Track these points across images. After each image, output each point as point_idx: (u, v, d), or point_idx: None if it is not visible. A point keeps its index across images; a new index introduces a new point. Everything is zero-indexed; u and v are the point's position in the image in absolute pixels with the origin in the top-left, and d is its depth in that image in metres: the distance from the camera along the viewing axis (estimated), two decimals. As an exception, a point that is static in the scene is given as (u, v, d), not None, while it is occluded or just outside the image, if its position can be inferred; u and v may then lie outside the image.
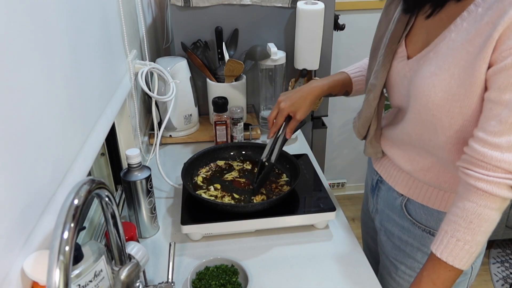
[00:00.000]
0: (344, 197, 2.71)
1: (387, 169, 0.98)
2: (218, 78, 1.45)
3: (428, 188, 0.88)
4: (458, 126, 0.75)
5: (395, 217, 0.96)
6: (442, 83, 0.73)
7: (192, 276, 0.87)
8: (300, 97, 1.03)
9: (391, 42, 0.85)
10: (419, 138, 0.85)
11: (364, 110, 0.95)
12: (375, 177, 1.03)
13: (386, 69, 0.87)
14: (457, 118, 0.74)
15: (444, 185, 0.86)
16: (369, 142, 0.98)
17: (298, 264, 0.94)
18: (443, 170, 0.85)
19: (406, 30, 0.84)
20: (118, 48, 1.05)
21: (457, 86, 0.71)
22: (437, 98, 0.74)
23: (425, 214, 0.90)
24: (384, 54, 0.86)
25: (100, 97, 0.89)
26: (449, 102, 0.73)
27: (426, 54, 0.78)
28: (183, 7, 1.39)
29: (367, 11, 2.19)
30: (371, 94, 0.91)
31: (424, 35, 0.80)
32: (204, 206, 1.01)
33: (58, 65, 0.67)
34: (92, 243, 0.70)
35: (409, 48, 0.84)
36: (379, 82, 0.89)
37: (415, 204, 0.91)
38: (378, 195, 1.02)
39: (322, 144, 1.77)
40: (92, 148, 0.80)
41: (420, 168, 0.88)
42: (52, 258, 0.45)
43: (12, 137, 0.53)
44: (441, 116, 0.75)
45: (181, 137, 1.45)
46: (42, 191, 0.61)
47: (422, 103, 0.77)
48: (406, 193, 0.92)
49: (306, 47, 1.42)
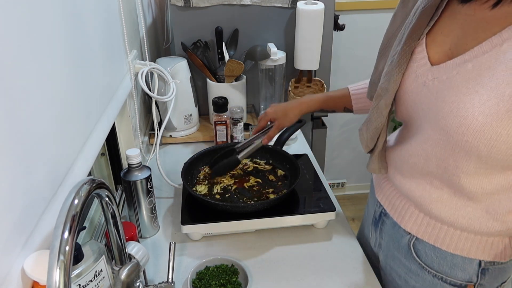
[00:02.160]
0: (344, 197, 2.70)
1: (391, 200, 0.84)
2: (218, 78, 1.45)
3: (441, 226, 0.75)
4: (501, 157, 0.61)
5: (401, 257, 0.83)
6: (486, 105, 0.58)
7: (192, 276, 0.87)
8: (285, 108, 1.06)
9: (411, 38, 0.70)
10: (438, 164, 0.70)
11: (374, 119, 0.79)
12: (378, 209, 0.90)
13: (402, 70, 0.72)
14: (501, 148, 0.60)
15: (461, 221, 0.72)
16: (376, 157, 0.83)
17: (298, 264, 0.94)
18: (461, 204, 0.71)
19: (429, 26, 0.69)
20: (118, 48, 1.05)
21: (506, 110, 0.57)
22: (475, 122, 0.60)
23: (436, 257, 0.77)
24: (400, 53, 0.71)
25: (100, 97, 0.89)
26: (492, 129, 0.59)
27: (461, 63, 0.62)
28: (183, 7, 1.39)
29: (367, 11, 2.19)
30: (381, 100, 0.76)
31: (455, 36, 0.65)
32: (204, 206, 1.01)
33: (59, 65, 0.67)
34: (92, 243, 0.70)
35: (431, 49, 0.69)
36: (392, 86, 0.74)
37: (425, 245, 0.78)
38: (382, 230, 0.89)
39: (322, 144, 1.77)
40: (92, 148, 0.80)
41: (434, 199, 0.74)
42: (53, 258, 0.45)
43: (13, 137, 0.53)
44: (478, 144, 0.61)
45: (181, 137, 1.45)
46: (42, 191, 0.61)
47: (453, 125, 0.63)
48: (414, 231, 0.79)
49: (306, 47, 1.42)
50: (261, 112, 1.52)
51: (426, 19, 0.68)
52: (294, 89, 1.52)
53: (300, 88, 1.54)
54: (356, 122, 2.46)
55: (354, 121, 2.46)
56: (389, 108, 0.76)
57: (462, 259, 0.75)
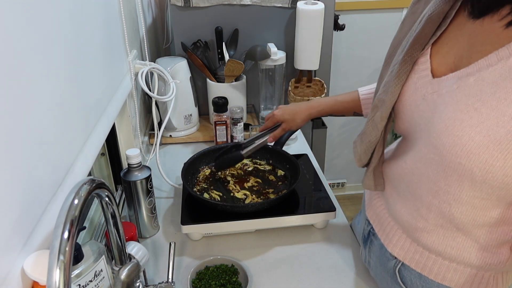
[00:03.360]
0: (344, 197, 2.71)
1: (380, 219, 0.80)
2: (218, 78, 1.45)
3: (429, 255, 0.70)
4: (496, 184, 0.55)
5: (388, 280, 0.79)
6: (484, 124, 0.53)
7: (192, 276, 0.87)
8: (292, 111, 1.04)
9: (413, 48, 0.64)
10: (430, 187, 0.64)
11: (368, 132, 0.74)
12: (366, 227, 0.86)
13: (401, 82, 0.66)
14: (496, 174, 0.54)
15: (449, 252, 0.67)
16: (371, 172, 0.78)
17: (298, 264, 0.94)
18: (450, 235, 0.66)
19: (435, 36, 0.63)
20: (118, 48, 1.05)
21: (506, 132, 0.51)
22: (471, 142, 0.54)
23: (422, 287, 0.72)
24: (401, 62, 0.65)
25: (100, 97, 0.89)
26: (488, 152, 0.53)
27: (463, 77, 0.57)
28: (183, 7, 1.39)
29: (367, 11, 2.19)
30: (377, 112, 0.71)
31: (461, 48, 0.59)
32: (204, 206, 1.01)
33: (59, 65, 0.67)
34: (92, 243, 0.70)
35: (435, 61, 0.63)
36: (389, 97, 0.68)
37: (411, 272, 0.73)
38: (371, 249, 0.84)
39: (322, 144, 1.77)
40: (92, 148, 0.80)
41: (419, 229, 0.69)
42: (52, 258, 0.45)
43: (13, 137, 0.53)
44: (472, 167, 0.55)
45: (181, 137, 1.45)
46: (42, 191, 0.61)
47: (446, 144, 0.57)
48: (401, 257, 0.74)
49: (306, 47, 1.42)
50: (261, 112, 1.53)
51: (432, 28, 0.62)
52: (294, 89, 1.52)
53: (300, 88, 1.54)
54: (356, 122, 2.46)
55: (354, 121, 2.46)
56: (385, 121, 0.71)
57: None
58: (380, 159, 0.77)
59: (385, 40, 0.75)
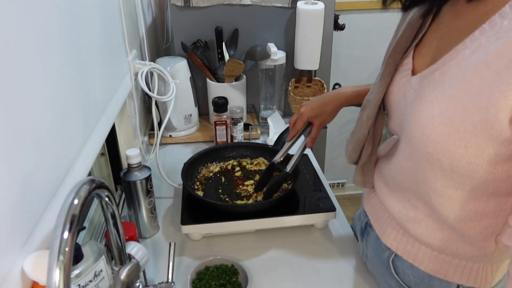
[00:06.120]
0: (344, 197, 2.71)
1: (376, 212, 0.82)
2: (218, 78, 1.45)
3: (419, 246, 0.72)
4: (464, 172, 0.58)
5: (383, 272, 0.81)
6: (445, 114, 0.56)
7: (192, 276, 0.87)
8: (321, 103, 0.96)
9: (395, 51, 0.70)
10: (411, 179, 0.68)
11: (357, 131, 0.79)
12: (364, 220, 0.88)
13: (386, 83, 0.72)
14: (461, 161, 0.57)
15: (438, 244, 0.69)
16: (360, 168, 0.81)
17: (298, 264, 0.94)
18: (437, 227, 0.68)
19: (417, 38, 0.68)
20: (118, 48, 1.05)
21: (462, 121, 0.54)
22: (434, 132, 0.58)
23: (414, 277, 0.74)
24: (385, 65, 0.71)
25: (101, 97, 0.89)
26: (450, 140, 0.56)
27: (431, 72, 0.61)
28: (183, 7, 1.39)
29: (367, 11, 2.19)
30: (364, 112, 0.77)
31: (435, 47, 0.64)
32: (204, 206, 1.01)
33: (59, 65, 0.67)
34: (92, 243, 0.70)
35: (417, 61, 0.67)
36: (375, 98, 0.74)
37: (403, 263, 0.75)
38: (368, 241, 0.87)
39: (322, 144, 1.77)
40: (92, 148, 0.80)
41: (410, 219, 0.71)
42: (52, 258, 0.45)
43: (13, 138, 0.52)
44: (439, 155, 0.59)
45: (181, 137, 1.45)
46: (42, 191, 0.61)
47: (416, 135, 0.61)
48: (394, 247, 0.76)
49: (306, 47, 1.42)
50: (261, 112, 1.52)
51: (412, 32, 0.68)
52: (294, 89, 1.52)
53: (300, 88, 1.54)
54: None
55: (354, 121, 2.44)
56: (371, 120, 0.76)
57: (440, 282, 0.72)
58: (370, 157, 0.80)
59: (385, 40, 0.76)
